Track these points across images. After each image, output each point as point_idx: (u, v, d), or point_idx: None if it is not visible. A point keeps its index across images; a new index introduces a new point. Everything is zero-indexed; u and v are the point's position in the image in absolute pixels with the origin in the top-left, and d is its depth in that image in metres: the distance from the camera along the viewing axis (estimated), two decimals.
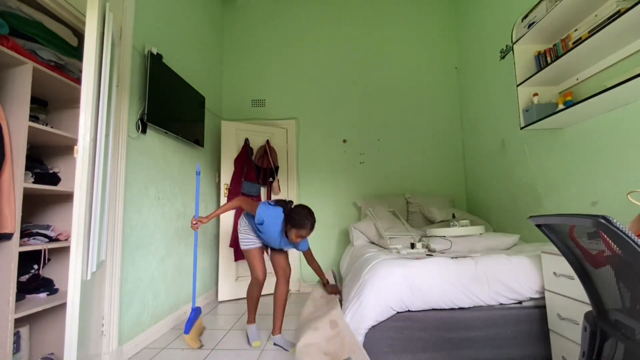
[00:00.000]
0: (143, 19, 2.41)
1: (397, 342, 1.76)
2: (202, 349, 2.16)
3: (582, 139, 2.12)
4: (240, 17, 4.20)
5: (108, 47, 1.64)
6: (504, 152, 3.03)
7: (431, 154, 3.94)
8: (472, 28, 3.68)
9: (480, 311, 1.79)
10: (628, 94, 1.65)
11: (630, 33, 1.64)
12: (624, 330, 0.88)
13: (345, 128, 3.98)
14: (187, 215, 2.97)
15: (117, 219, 2.06)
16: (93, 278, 1.62)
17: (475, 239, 2.36)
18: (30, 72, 1.62)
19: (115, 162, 2.06)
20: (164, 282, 2.56)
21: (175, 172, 2.81)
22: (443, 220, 3.21)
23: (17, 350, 1.69)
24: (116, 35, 2.11)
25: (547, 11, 2.02)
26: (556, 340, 1.64)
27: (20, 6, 1.73)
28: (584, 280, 1.02)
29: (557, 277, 1.60)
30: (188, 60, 3.15)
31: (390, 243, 2.58)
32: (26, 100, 1.61)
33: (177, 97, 2.80)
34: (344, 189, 3.92)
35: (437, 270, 1.80)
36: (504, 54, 2.95)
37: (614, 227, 0.71)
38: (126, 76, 2.18)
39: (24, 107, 1.60)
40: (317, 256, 3.71)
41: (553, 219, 0.99)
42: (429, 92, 4.03)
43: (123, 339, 2.07)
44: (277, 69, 4.11)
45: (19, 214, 1.54)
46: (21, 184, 1.57)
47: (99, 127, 1.61)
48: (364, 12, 4.16)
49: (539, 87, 2.25)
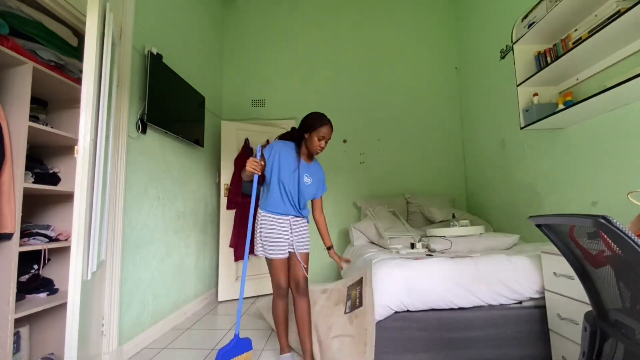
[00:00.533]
0: (143, 19, 2.41)
1: (397, 342, 1.76)
2: (202, 349, 2.16)
3: (582, 139, 2.12)
4: (240, 17, 4.20)
5: (108, 47, 1.64)
6: (504, 152, 3.03)
7: (431, 154, 3.94)
8: (472, 28, 3.68)
9: (480, 311, 1.79)
10: (628, 94, 1.65)
11: (630, 33, 1.64)
12: (624, 330, 0.88)
13: (345, 128, 3.98)
14: (187, 215, 2.97)
15: (117, 219, 2.06)
16: (93, 278, 1.62)
17: (475, 239, 2.37)
18: (30, 72, 1.62)
19: (115, 162, 2.06)
20: (164, 282, 2.56)
21: (175, 172, 2.81)
22: (443, 220, 3.21)
23: (17, 350, 1.69)
24: (116, 35, 2.11)
25: (547, 11, 2.02)
26: (556, 340, 1.64)
27: (20, 6, 1.73)
28: (584, 280, 1.02)
29: (557, 277, 1.60)
30: (188, 60, 3.15)
31: (390, 243, 2.58)
32: (26, 100, 1.61)
33: (177, 97, 2.80)
34: (344, 189, 3.92)
35: (437, 270, 1.80)
36: (504, 54, 2.95)
37: (614, 227, 0.71)
38: (126, 76, 2.18)
39: (24, 107, 1.60)
40: (317, 256, 3.73)
41: (553, 219, 0.99)
42: (429, 92, 4.03)
43: (123, 339, 2.07)
44: (277, 69, 4.11)
45: (19, 214, 1.54)
46: (21, 184, 1.57)
47: (99, 127, 1.61)
48: (364, 12, 4.16)
49: (539, 87, 2.25)
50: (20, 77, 1.62)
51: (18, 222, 1.53)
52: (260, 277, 3.50)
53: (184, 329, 2.58)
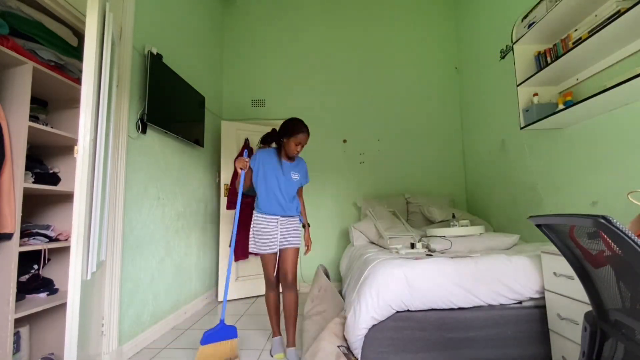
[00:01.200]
0: (143, 19, 2.41)
1: (397, 342, 1.76)
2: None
3: (582, 139, 2.12)
4: (240, 17, 4.20)
5: (108, 47, 1.64)
6: (504, 152, 3.03)
7: (431, 154, 3.94)
8: (472, 28, 3.68)
9: (480, 311, 1.79)
10: (628, 94, 1.65)
11: (630, 33, 1.64)
12: (624, 330, 0.88)
13: (345, 128, 3.98)
14: (187, 215, 2.97)
15: (117, 219, 2.06)
16: (93, 278, 1.62)
17: (475, 239, 2.36)
18: (30, 72, 1.62)
19: (115, 162, 2.06)
20: (164, 282, 2.56)
21: (175, 172, 2.81)
22: (443, 220, 3.21)
23: (17, 350, 1.69)
24: (116, 35, 2.11)
25: (547, 11, 2.02)
26: (556, 340, 1.64)
27: (20, 6, 1.73)
28: (584, 280, 1.02)
29: (557, 277, 1.60)
30: (188, 60, 3.15)
31: (390, 243, 2.58)
32: (26, 100, 1.61)
33: (177, 97, 2.80)
34: (344, 189, 3.92)
35: (436, 270, 1.80)
36: (504, 54, 2.95)
37: (614, 227, 0.71)
38: (126, 76, 2.18)
39: (24, 107, 1.60)
40: (317, 255, 3.73)
41: (553, 219, 0.99)
42: (429, 92, 4.03)
43: (123, 339, 2.07)
44: (277, 69, 4.11)
45: (19, 214, 1.54)
46: (21, 184, 1.57)
47: (99, 127, 1.61)
48: (364, 11, 4.16)
49: (539, 87, 2.25)
50: (20, 77, 1.62)
51: (18, 222, 1.53)
52: (259, 277, 3.50)
53: (184, 329, 2.58)
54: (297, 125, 2.03)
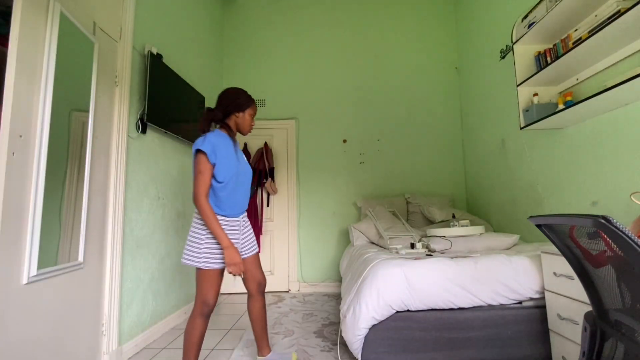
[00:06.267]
0: (143, 19, 2.41)
1: (397, 342, 1.76)
2: (202, 349, 2.16)
3: (582, 139, 2.12)
4: (240, 18, 4.20)
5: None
6: (504, 152, 3.03)
7: (431, 154, 3.94)
8: (472, 28, 3.68)
9: (480, 311, 1.79)
10: (628, 94, 1.65)
11: (630, 33, 1.64)
12: (624, 330, 0.88)
13: (345, 128, 3.98)
14: (187, 215, 2.97)
15: (117, 219, 2.06)
16: (60, 283, 1.54)
17: (475, 239, 2.36)
18: None
19: (115, 162, 2.07)
20: (164, 282, 2.56)
21: (175, 171, 2.81)
22: (443, 220, 3.21)
23: None
24: (116, 36, 2.11)
25: (547, 11, 2.02)
26: (556, 340, 1.64)
27: None
28: (584, 280, 1.02)
29: (557, 277, 1.60)
30: (188, 60, 3.15)
31: (390, 243, 2.58)
32: None
33: (177, 97, 2.80)
34: (344, 189, 3.92)
35: (436, 270, 1.80)
36: (504, 54, 2.95)
37: (614, 227, 0.71)
38: (126, 76, 2.18)
39: None
40: (317, 255, 3.73)
41: (553, 219, 0.99)
42: (429, 92, 4.03)
43: (123, 339, 2.07)
44: (277, 69, 4.11)
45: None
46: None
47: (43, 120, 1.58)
48: (364, 12, 4.16)
49: (539, 87, 2.26)
50: None
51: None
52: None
53: (184, 328, 2.58)
54: (246, 93, 1.73)
